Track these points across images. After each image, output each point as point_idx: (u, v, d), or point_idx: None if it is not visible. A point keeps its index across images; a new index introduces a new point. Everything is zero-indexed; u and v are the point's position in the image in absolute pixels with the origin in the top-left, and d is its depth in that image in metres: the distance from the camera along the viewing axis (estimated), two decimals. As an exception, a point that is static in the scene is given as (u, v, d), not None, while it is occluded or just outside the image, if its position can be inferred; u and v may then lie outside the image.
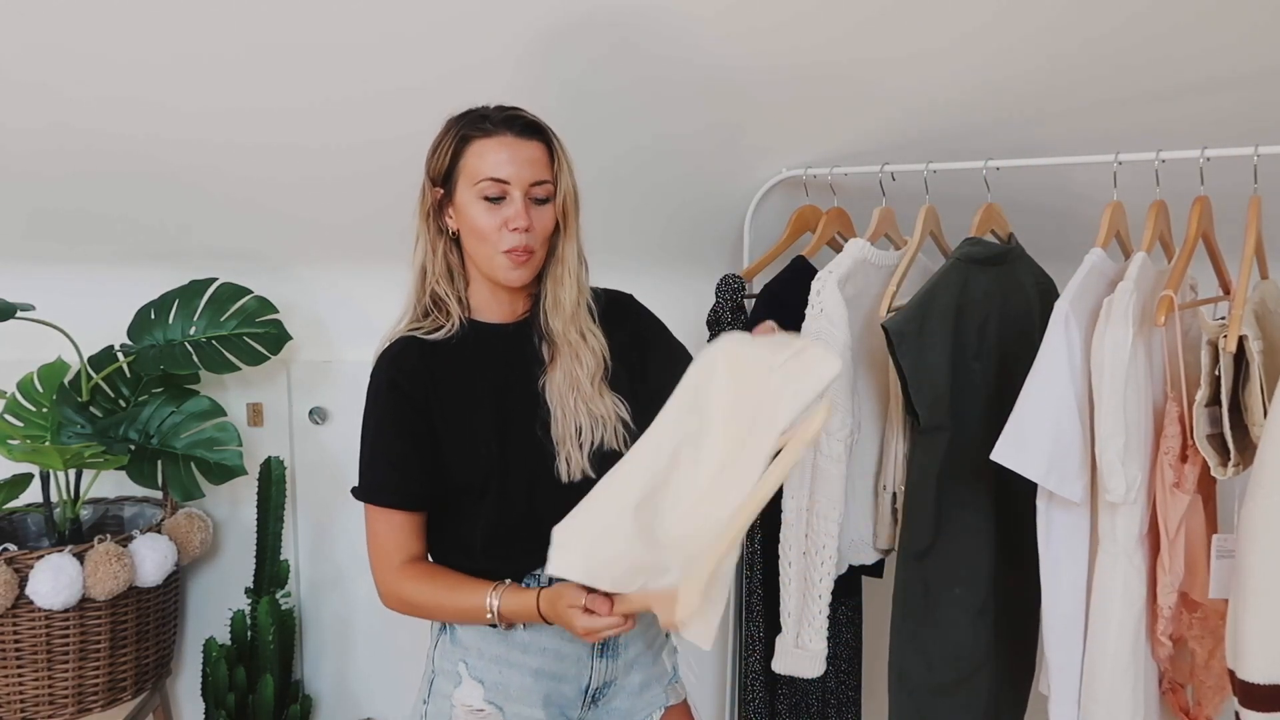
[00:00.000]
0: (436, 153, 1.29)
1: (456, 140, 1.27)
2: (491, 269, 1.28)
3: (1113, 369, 1.33)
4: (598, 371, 1.33)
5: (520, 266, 1.27)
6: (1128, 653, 1.39)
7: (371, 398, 1.29)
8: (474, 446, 1.28)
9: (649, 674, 1.41)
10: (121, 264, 2.11)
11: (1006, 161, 1.62)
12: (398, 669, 2.31)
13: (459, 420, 1.28)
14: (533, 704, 1.30)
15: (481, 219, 1.25)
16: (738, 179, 1.99)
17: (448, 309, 1.30)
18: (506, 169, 1.24)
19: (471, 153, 1.26)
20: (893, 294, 1.59)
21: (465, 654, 1.31)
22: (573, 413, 1.30)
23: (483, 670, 1.30)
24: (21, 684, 1.84)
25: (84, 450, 1.86)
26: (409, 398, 1.27)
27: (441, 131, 1.30)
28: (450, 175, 1.28)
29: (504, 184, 1.24)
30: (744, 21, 1.58)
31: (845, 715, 1.94)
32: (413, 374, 1.27)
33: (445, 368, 1.29)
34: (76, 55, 1.62)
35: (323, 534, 2.27)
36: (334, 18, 1.57)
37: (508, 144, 1.25)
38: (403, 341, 1.30)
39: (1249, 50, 1.54)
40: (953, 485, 1.55)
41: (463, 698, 1.30)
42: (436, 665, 1.34)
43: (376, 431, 1.29)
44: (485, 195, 1.25)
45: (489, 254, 1.27)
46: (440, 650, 1.34)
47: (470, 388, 1.29)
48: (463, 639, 1.31)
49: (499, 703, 1.30)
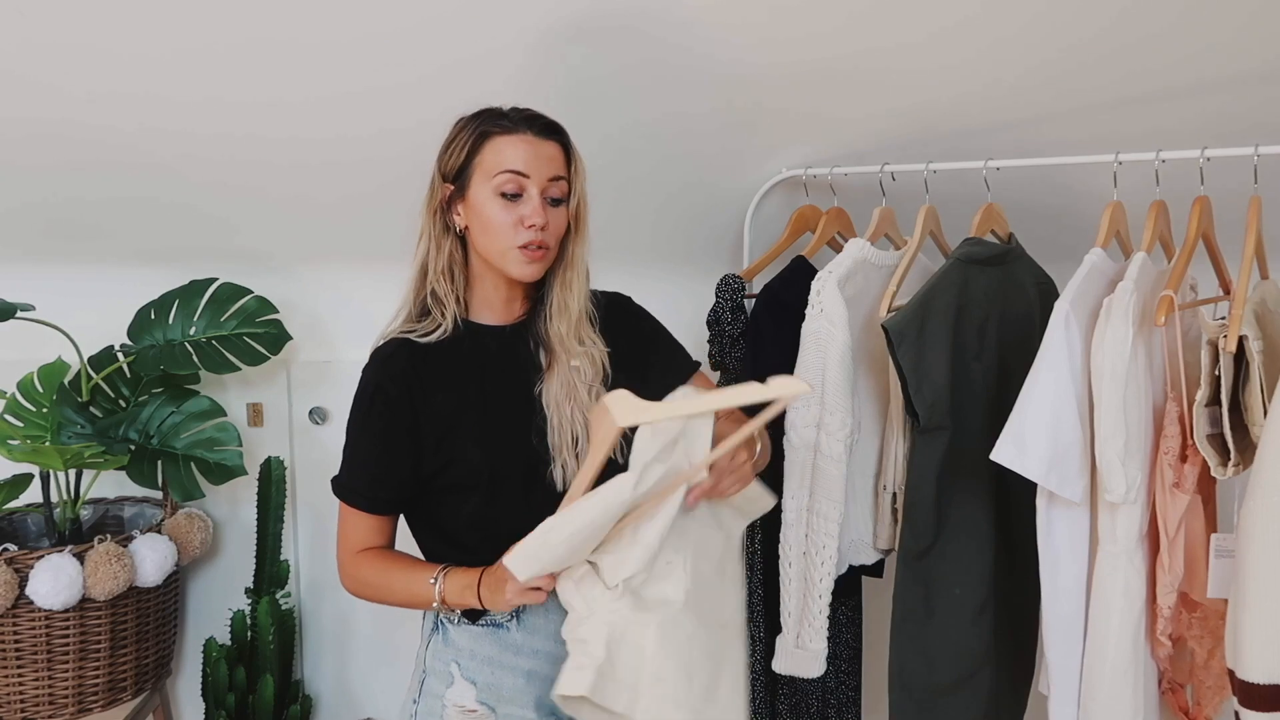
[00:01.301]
0: (451, 148, 1.29)
1: (475, 135, 1.27)
2: (504, 264, 1.28)
3: (1113, 369, 1.33)
4: (596, 380, 1.32)
5: (534, 261, 1.27)
6: (1128, 653, 1.39)
7: (357, 400, 1.30)
8: (461, 449, 1.28)
9: None
10: (121, 264, 2.11)
11: (1006, 161, 1.62)
12: (398, 669, 2.30)
13: (447, 423, 1.28)
14: (525, 705, 1.30)
15: (498, 214, 1.25)
16: (738, 179, 1.99)
17: (444, 307, 1.30)
18: (526, 165, 1.25)
19: (490, 148, 1.26)
20: (893, 294, 1.59)
21: (458, 654, 1.31)
22: (569, 422, 1.29)
23: (475, 671, 1.30)
24: (21, 684, 1.84)
25: (84, 450, 1.86)
26: (394, 403, 1.27)
27: (456, 128, 1.30)
28: (464, 170, 1.27)
29: (523, 179, 1.25)
30: (744, 21, 1.58)
31: (845, 715, 1.94)
32: (400, 378, 1.27)
33: (436, 370, 1.29)
34: (76, 52, 1.62)
35: (323, 534, 2.27)
36: (335, 12, 1.57)
37: (528, 141, 1.26)
38: (394, 343, 1.30)
39: (1249, 50, 1.54)
40: (953, 485, 1.55)
41: (455, 698, 1.30)
42: (428, 665, 1.34)
43: (357, 435, 1.31)
44: (502, 191, 1.25)
45: (502, 249, 1.27)
46: (432, 650, 1.34)
47: (462, 389, 1.29)
48: (455, 640, 1.31)
49: (491, 703, 1.30)
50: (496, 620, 1.29)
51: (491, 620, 1.29)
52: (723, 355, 1.87)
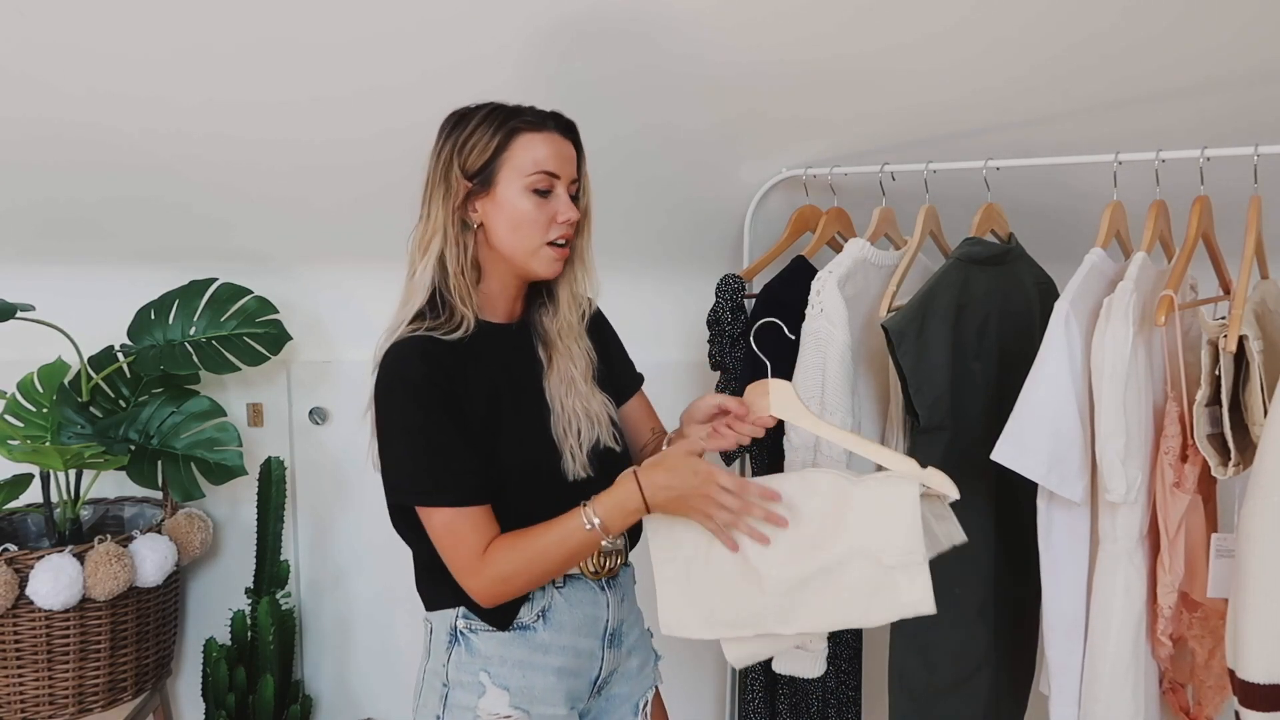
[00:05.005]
0: (473, 145, 1.25)
1: (504, 132, 1.25)
2: (530, 261, 1.27)
3: (1113, 369, 1.33)
4: (589, 370, 1.35)
5: (561, 258, 1.28)
6: (1128, 652, 1.39)
7: (409, 397, 1.21)
8: (496, 447, 1.25)
9: (644, 657, 1.43)
10: (121, 264, 2.11)
11: (1006, 161, 1.62)
12: (398, 669, 2.31)
13: (482, 421, 1.25)
14: (556, 703, 1.30)
15: (532, 211, 1.25)
16: (738, 179, 1.99)
17: (459, 305, 1.26)
18: (556, 163, 1.25)
19: (520, 145, 1.25)
20: (893, 294, 1.59)
21: (486, 663, 1.28)
22: (572, 412, 1.30)
23: (506, 676, 1.28)
24: (22, 684, 1.84)
25: (84, 450, 1.86)
26: (448, 397, 1.22)
27: (476, 123, 1.26)
28: (490, 167, 1.25)
29: (554, 178, 1.26)
30: (744, 20, 1.58)
31: (845, 715, 1.94)
32: (442, 373, 1.23)
33: (464, 368, 1.25)
34: (77, 53, 1.62)
35: (323, 534, 2.27)
36: (333, 13, 1.57)
37: (554, 139, 1.26)
38: (422, 339, 1.24)
39: (1249, 50, 1.54)
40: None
41: (489, 706, 1.28)
42: (451, 678, 1.30)
43: (424, 429, 1.21)
44: (535, 188, 1.25)
45: (532, 246, 1.26)
46: (455, 662, 1.30)
47: (490, 388, 1.27)
48: (481, 648, 1.28)
49: (525, 706, 1.28)
50: (524, 623, 1.28)
51: (519, 624, 1.28)
52: (723, 355, 1.87)
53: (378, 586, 2.28)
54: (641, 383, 1.48)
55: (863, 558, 1.23)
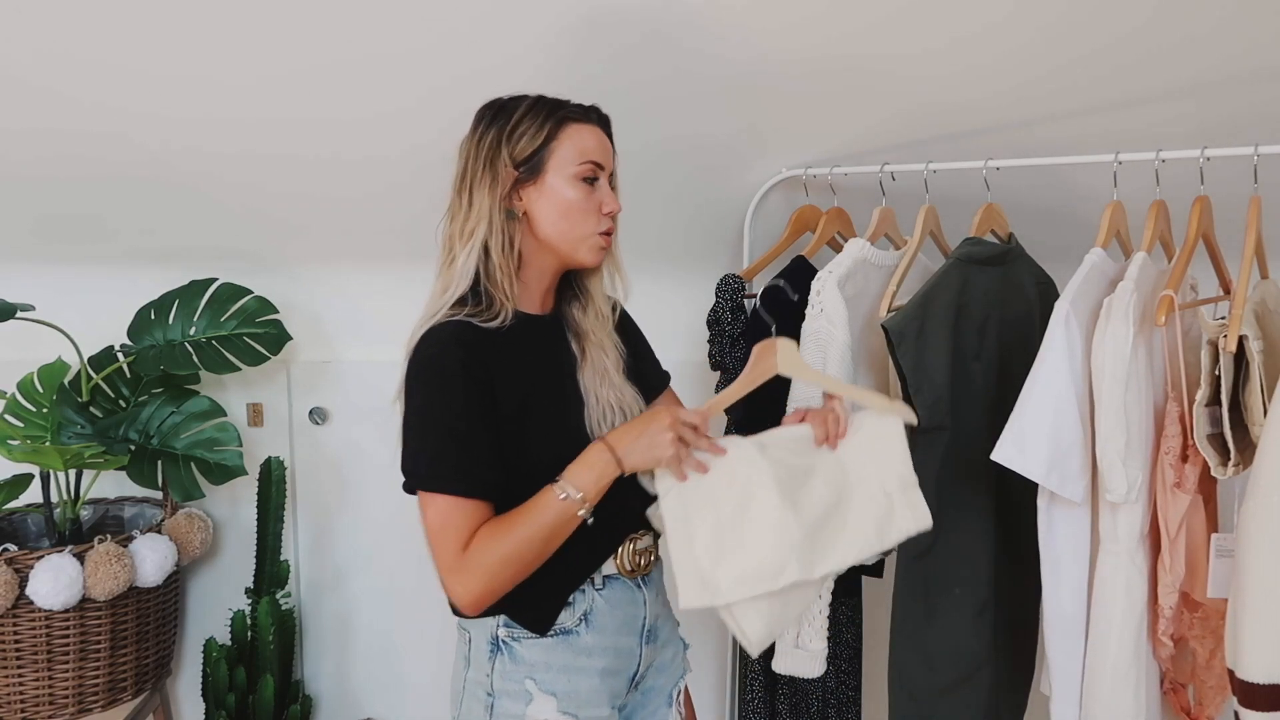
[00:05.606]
0: (522, 133, 1.25)
1: (553, 121, 1.26)
2: (577, 250, 1.28)
3: (1113, 369, 1.33)
4: (620, 364, 1.36)
5: (605, 248, 1.31)
6: (1129, 653, 1.39)
7: (437, 381, 1.19)
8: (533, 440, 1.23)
9: (675, 648, 1.44)
10: (121, 264, 2.11)
11: (1006, 161, 1.62)
12: (398, 669, 2.31)
13: (520, 413, 1.23)
14: (600, 704, 1.29)
15: (581, 200, 1.26)
16: (738, 179, 1.99)
17: (499, 294, 1.25)
18: (600, 154, 1.28)
19: (569, 134, 1.26)
20: (893, 294, 1.59)
21: (531, 670, 1.27)
22: (606, 404, 1.31)
23: (553, 682, 1.27)
24: (22, 684, 1.84)
25: (84, 450, 1.86)
26: (482, 385, 1.20)
27: (522, 113, 1.26)
28: (539, 155, 1.25)
29: (600, 168, 1.28)
30: (745, 21, 1.58)
31: (845, 715, 1.94)
32: (479, 360, 1.20)
33: (503, 357, 1.23)
34: (82, 61, 1.62)
35: (323, 534, 2.27)
36: (340, 26, 1.57)
37: (597, 132, 1.29)
38: (459, 325, 1.22)
39: (1249, 50, 1.54)
40: (953, 485, 1.55)
41: (537, 713, 1.26)
42: (497, 687, 1.27)
43: (445, 414, 1.19)
44: (584, 177, 1.26)
45: (581, 234, 1.28)
46: (499, 671, 1.27)
47: (529, 380, 1.26)
48: (525, 656, 1.27)
49: (573, 711, 1.27)
50: (566, 628, 1.27)
51: (562, 629, 1.27)
52: (723, 355, 1.87)
53: (378, 586, 2.28)
54: (669, 380, 1.48)
55: (866, 490, 1.29)
